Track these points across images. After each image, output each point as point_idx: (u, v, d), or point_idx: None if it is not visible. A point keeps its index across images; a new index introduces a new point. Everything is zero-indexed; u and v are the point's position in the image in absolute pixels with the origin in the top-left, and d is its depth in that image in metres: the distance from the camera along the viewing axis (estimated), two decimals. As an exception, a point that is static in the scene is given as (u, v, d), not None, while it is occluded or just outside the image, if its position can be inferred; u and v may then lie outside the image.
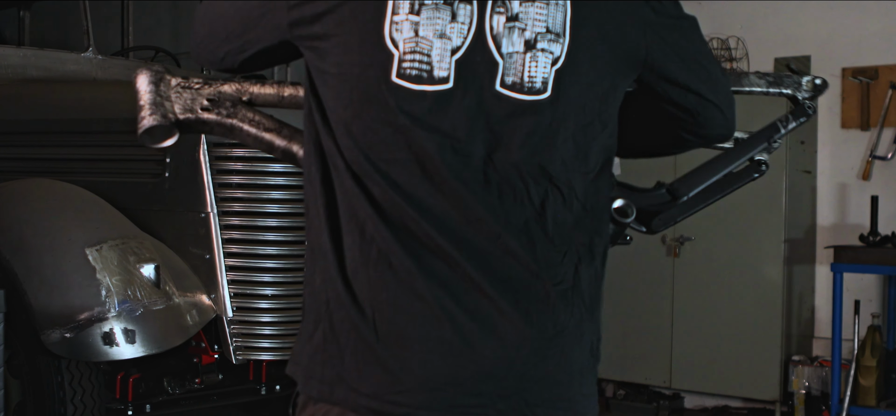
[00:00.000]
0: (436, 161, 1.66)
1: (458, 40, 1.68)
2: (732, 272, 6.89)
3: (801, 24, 7.08)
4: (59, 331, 3.95)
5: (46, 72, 5.57)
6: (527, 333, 1.68)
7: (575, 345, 1.74)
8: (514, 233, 1.68)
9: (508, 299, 1.67)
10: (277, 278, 4.39)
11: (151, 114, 1.99)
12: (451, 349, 1.66)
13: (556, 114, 1.70)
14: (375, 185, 1.67)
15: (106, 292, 4.00)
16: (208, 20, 1.94)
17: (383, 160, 1.67)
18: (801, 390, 6.68)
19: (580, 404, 1.76)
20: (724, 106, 1.93)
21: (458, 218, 1.66)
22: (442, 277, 1.66)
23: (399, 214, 1.67)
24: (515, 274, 1.68)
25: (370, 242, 1.68)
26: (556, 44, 1.70)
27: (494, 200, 1.67)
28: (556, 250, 1.71)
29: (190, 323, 4.20)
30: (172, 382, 4.53)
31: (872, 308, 6.77)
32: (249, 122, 2.03)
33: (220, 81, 2.05)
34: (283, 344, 4.39)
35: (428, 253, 1.66)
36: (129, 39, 6.45)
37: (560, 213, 1.71)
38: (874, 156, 6.94)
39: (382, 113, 1.68)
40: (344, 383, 1.70)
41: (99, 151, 4.74)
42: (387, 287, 1.67)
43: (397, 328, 1.67)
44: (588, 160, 1.75)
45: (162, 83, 2.03)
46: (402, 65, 1.67)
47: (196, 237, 4.38)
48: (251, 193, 4.38)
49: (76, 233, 4.19)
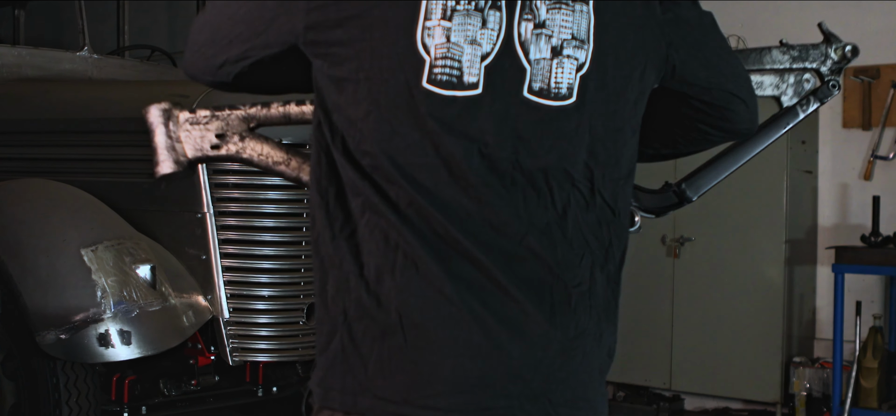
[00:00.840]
0: (462, 165, 1.66)
1: (488, 47, 1.69)
2: (733, 273, 6.87)
3: (802, 23, 6.93)
4: (55, 332, 3.96)
5: (41, 71, 5.56)
6: (551, 334, 1.70)
7: (595, 346, 1.77)
8: (536, 235, 1.70)
9: (533, 301, 1.69)
10: (274, 278, 4.39)
11: (164, 160, 2.12)
12: (480, 351, 1.67)
13: (582, 119, 1.72)
14: (400, 190, 1.67)
15: (101, 293, 4.00)
16: (210, 25, 1.92)
17: (409, 164, 1.67)
18: (802, 391, 6.67)
19: (599, 403, 1.80)
20: (748, 99, 1.94)
21: (484, 221, 1.68)
22: (469, 280, 1.67)
23: (425, 218, 1.67)
24: (538, 276, 1.70)
25: (395, 248, 1.68)
26: (581, 50, 1.71)
27: (519, 202, 1.69)
28: (573, 252, 1.73)
29: (186, 324, 4.20)
30: (168, 384, 4.53)
31: (874, 309, 6.76)
32: (259, 155, 2.12)
33: (226, 109, 2.11)
34: (279, 346, 4.39)
35: (455, 256, 1.67)
36: (125, 38, 6.44)
37: (581, 216, 1.74)
38: (876, 156, 6.93)
39: (411, 118, 1.68)
40: (368, 392, 1.70)
41: (94, 150, 4.72)
42: (414, 292, 1.67)
43: (426, 332, 1.67)
44: (620, 165, 1.78)
45: (171, 121, 2.12)
46: (433, 71, 1.67)
47: (192, 238, 4.38)
48: (248, 193, 4.38)
49: (71, 233, 4.19)
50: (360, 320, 1.70)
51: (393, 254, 1.68)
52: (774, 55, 2.26)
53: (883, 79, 6.86)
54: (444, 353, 1.67)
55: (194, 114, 2.12)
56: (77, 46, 5.73)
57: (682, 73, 1.84)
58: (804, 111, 2.28)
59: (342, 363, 1.72)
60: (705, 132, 1.97)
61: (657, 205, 2.22)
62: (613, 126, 1.75)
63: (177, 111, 2.13)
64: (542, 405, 1.70)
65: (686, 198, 2.22)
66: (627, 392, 7.30)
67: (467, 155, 1.67)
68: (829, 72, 2.29)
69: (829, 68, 2.29)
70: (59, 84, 5.46)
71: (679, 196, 2.23)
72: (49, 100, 5.17)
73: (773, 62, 2.27)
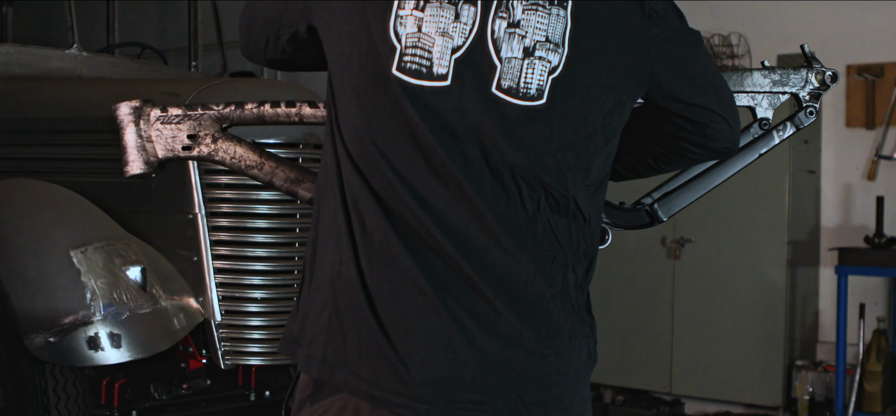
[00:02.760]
0: (438, 154, 1.71)
1: (460, 40, 1.74)
2: (734, 275, 6.85)
3: (804, 20, 7.05)
4: (43, 335, 3.93)
5: (30, 69, 5.54)
6: (523, 332, 1.74)
7: (570, 346, 1.79)
8: (509, 234, 1.74)
9: (503, 299, 1.73)
10: (267, 280, 4.39)
11: (134, 160, 2.14)
12: (452, 344, 1.72)
13: (552, 121, 1.75)
14: (380, 176, 1.73)
15: (91, 295, 3.98)
16: (250, 10, 2.02)
17: (390, 150, 1.74)
18: (804, 395, 6.65)
19: (577, 406, 1.81)
20: (731, 118, 1.97)
21: (460, 215, 1.72)
22: (440, 273, 1.72)
23: (400, 207, 1.73)
24: (511, 274, 1.74)
25: (371, 234, 1.74)
26: (555, 53, 1.75)
27: (491, 199, 1.74)
28: (544, 254, 1.76)
29: (177, 327, 4.18)
30: (159, 387, 4.51)
31: (878, 312, 6.73)
32: (231, 157, 2.14)
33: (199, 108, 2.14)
34: (272, 349, 4.39)
35: (427, 249, 1.72)
36: (115, 36, 6.46)
37: (552, 220, 1.77)
38: (880, 155, 6.90)
39: (387, 103, 1.74)
40: (345, 365, 1.76)
41: (84, 150, 4.69)
42: (388, 279, 1.73)
43: (399, 320, 1.73)
44: (590, 173, 1.81)
45: (142, 119, 2.14)
46: (403, 59, 1.73)
47: (183, 239, 4.36)
48: (240, 193, 4.37)
49: (60, 234, 4.17)
50: (345, 294, 1.77)
51: (369, 239, 1.74)
52: (755, 78, 2.27)
53: (887, 77, 6.83)
54: (416, 342, 1.72)
55: (166, 112, 2.14)
56: (66, 44, 5.70)
57: (666, 88, 1.86)
58: (780, 136, 2.29)
59: (327, 334, 1.79)
60: (685, 149, 1.99)
61: (628, 222, 2.25)
62: (584, 132, 1.77)
63: (148, 109, 2.15)
64: (512, 402, 1.74)
65: (657, 218, 2.26)
66: (627, 396, 7.28)
67: (442, 145, 1.71)
68: (808, 96, 2.29)
69: (808, 93, 2.29)
70: (48, 82, 5.43)
71: (651, 216, 2.27)
72: (38, 98, 5.14)
73: (754, 85, 2.27)
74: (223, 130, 2.15)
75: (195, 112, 2.14)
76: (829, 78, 2.28)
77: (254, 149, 2.15)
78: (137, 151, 2.13)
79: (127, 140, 2.13)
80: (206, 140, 2.13)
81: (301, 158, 4.32)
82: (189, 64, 6.37)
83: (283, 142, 4.31)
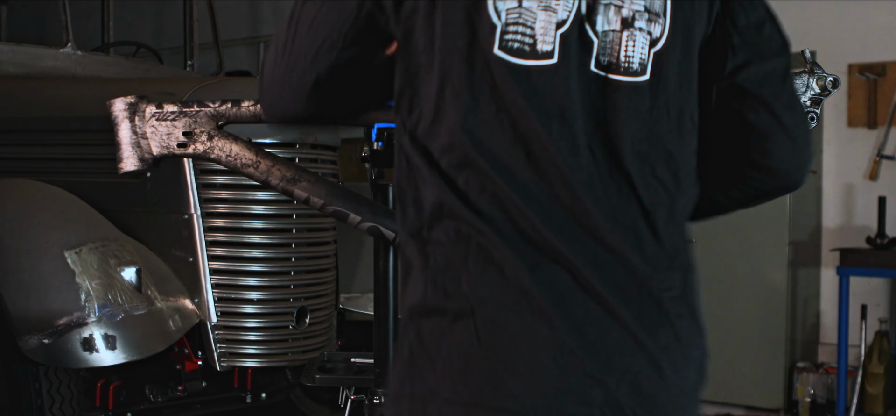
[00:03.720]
0: (541, 143, 1.53)
1: (564, 13, 1.56)
2: (734, 276, 6.80)
3: (806, 19, 7.02)
4: (37, 337, 3.91)
5: (24, 68, 5.52)
6: (639, 341, 1.56)
7: (686, 359, 1.63)
8: (621, 231, 1.57)
9: (619, 303, 1.55)
10: (263, 281, 4.38)
11: (128, 157, 2.12)
12: (560, 350, 1.52)
13: (658, 100, 1.60)
14: (474, 172, 1.54)
15: (85, 296, 3.96)
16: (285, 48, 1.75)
17: (486, 142, 1.54)
18: (805, 397, 6.62)
19: None
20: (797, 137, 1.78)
21: (565, 209, 1.54)
22: (549, 272, 1.53)
23: (500, 204, 1.53)
24: (624, 275, 1.56)
25: (466, 238, 1.54)
26: (656, 24, 1.60)
27: (600, 192, 1.56)
28: (663, 252, 1.61)
29: (172, 329, 4.17)
30: (154, 389, 4.49)
31: (880, 313, 6.71)
32: (227, 155, 2.11)
33: (195, 106, 2.11)
34: (268, 351, 4.37)
35: (532, 247, 1.53)
36: (110, 35, 6.44)
37: (667, 213, 1.62)
38: (882, 155, 6.88)
39: (484, 91, 1.55)
40: (437, 396, 1.55)
41: (78, 150, 4.67)
42: (487, 284, 1.53)
43: (500, 327, 1.53)
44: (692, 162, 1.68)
45: (137, 116, 2.12)
46: (504, 37, 1.54)
47: (179, 240, 4.36)
48: (236, 194, 4.36)
49: (55, 235, 4.14)
50: (426, 318, 1.57)
51: (464, 244, 1.55)
52: None
53: (889, 76, 6.81)
54: (520, 350, 1.52)
55: (161, 109, 2.11)
56: (61, 43, 5.69)
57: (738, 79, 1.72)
58: None
59: (411, 368, 1.58)
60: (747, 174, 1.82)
61: None
62: (686, 116, 1.64)
63: (144, 105, 2.12)
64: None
65: None
66: (627, 398, 7.24)
67: (546, 133, 1.53)
68: (809, 102, 2.25)
69: (809, 99, 2.25)
70: (43, 81, 5.42)
71: None
72: (32, 97, 5.12)
73: None
74: (219, 128, 2.13)
75: (191, 109, 2.12)
76: (830, 84, 2.24)
77: (250, 147, 2.12)
78: (132, 148, 2.11)
79: (122, 136, 2.12)
80: (202, 138, 2.11)
81: (297, 158, 4.29)
82: (184, 63, 6.36)
83: (280, 141, 4.29)
